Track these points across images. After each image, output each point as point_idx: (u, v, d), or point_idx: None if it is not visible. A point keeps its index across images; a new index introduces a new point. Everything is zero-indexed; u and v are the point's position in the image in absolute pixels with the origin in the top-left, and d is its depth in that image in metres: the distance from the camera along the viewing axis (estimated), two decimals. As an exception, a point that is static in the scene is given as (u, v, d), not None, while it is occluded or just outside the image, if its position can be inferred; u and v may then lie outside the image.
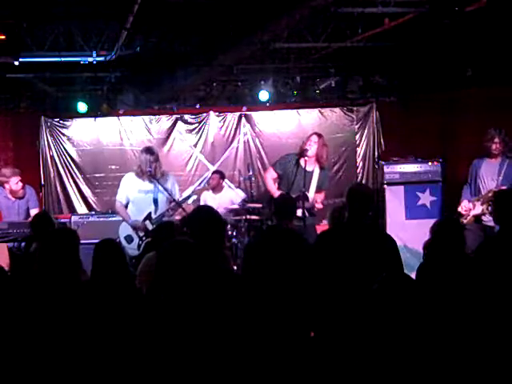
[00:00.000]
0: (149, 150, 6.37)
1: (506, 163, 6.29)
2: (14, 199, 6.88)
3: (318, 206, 6.52)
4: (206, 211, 3.60)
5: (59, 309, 3.14)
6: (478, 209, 6.33)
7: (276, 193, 6.45)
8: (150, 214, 6.27)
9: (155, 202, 6.29)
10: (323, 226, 6.97)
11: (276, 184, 6.68)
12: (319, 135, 6.65)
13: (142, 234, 6.27)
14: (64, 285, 3.22)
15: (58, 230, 3.89)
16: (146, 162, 6.23)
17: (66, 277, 3.24)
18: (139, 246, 6.27)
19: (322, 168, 6.62)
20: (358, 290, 3.83)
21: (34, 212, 6.85)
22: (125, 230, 6.34)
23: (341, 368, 2.69)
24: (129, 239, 6.30)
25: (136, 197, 6.32)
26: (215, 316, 2.90)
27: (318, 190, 6.59)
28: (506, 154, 6.33)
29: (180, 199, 6.49)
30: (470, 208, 6.40)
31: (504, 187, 6.01)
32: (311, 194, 6.53)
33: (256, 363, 2.99)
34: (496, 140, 6.30)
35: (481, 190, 6.42)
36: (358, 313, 3.55)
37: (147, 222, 6.26)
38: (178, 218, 6.57)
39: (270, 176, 6.73)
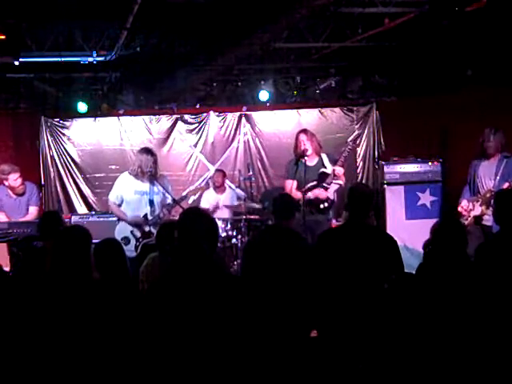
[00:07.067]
0: (149, 151, 6.36)
1: (503, 163, 6.28)
2: (15, 197, 6.79)
3: (338, 181, 6.37)
4: (196, 213, 3.56)
5: (73, 307, 3.13)
6: (478, 210, 6.33)
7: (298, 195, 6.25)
8: (146, 215, 6.22)
9: (151, 203, 6.23)
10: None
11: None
12: (304, 131, 6.58)
13: (139, 235, 6.23)
14: (78, 283, 3.20)
15: (71, 228, 3.83)
16: (147, 163, 6.21)
17: (80, 275, 3.22)
18: (136, 247, 6.21)
19: (325, 155, 6.57)
20: (358, 289, 3.84)
21: (32, 210, 6.75)
22: (121, 232, 6.27)
23: (342, 366, 2.69)
24: (126, 241, 6.20)
25: (132, 198, 6.26)
26: (213, 317, 2.90)
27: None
28: (502, 154, 6.34)
29: (177, 198, 6.46)
30: (469, 208, 6.40)
31: (505, 186, 6.01)
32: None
33: (255, 363, 2.99)
34: (491, 141, 6.30)
35: (480, 190, 6.42)
36: (360, 311, 3.56)
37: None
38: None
39: (290, 185, 6.57)
